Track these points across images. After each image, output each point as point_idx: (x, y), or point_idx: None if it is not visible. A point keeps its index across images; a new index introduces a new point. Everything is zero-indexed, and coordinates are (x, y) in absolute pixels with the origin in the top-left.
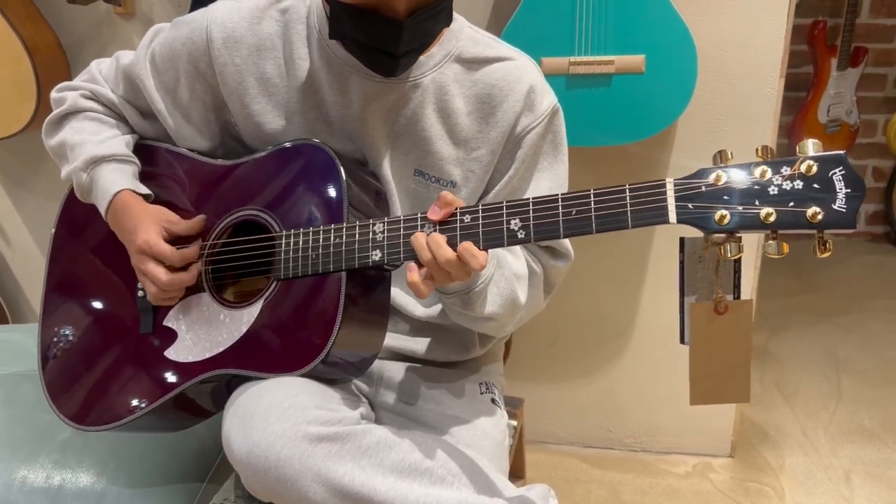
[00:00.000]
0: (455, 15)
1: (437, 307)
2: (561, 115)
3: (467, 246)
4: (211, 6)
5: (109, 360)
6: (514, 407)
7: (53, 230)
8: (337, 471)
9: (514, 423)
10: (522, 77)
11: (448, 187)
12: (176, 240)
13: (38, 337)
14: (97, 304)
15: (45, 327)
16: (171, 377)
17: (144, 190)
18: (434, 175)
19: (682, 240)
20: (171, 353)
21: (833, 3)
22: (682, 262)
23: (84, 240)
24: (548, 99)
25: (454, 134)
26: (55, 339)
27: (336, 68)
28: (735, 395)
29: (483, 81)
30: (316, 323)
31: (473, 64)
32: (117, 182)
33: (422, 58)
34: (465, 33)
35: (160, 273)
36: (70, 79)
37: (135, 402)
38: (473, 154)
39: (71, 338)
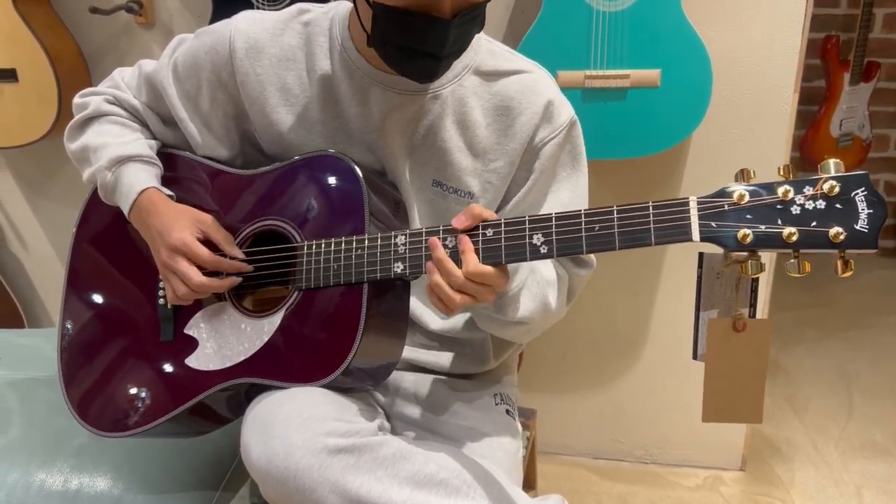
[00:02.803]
0: None
1: (453, 320)
2: (579, 127)
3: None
4: (235, 17)
5: (130, 367)
6: (526, 418)
7: (73, 237)
8: (354, 482)
9: (527, 433)
10: (540, 90)
11: (466, 198)
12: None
13: (57, 344)
14: (118, 312)
15: (65, 334)
16: (191, 385)
17: (168, 192)
18: (452, 186)
19: (700, 255)
20: (192, 362)
21: (846, 17)
22: (699, 278)
23: (104, 247)
24: (566, 111)
25: (472, 146)
26: (75, 346)
27: (357, 80)
28: (747, 415)
29: (501, 94)
30: (337, 334)
31: (492, 76)
32: (143, 180)
33: None
34: (483, 46)
35: (193, 273)
36: (91, 87)
37: (155, 410)
38: (491, 165)
39: (91, 345)
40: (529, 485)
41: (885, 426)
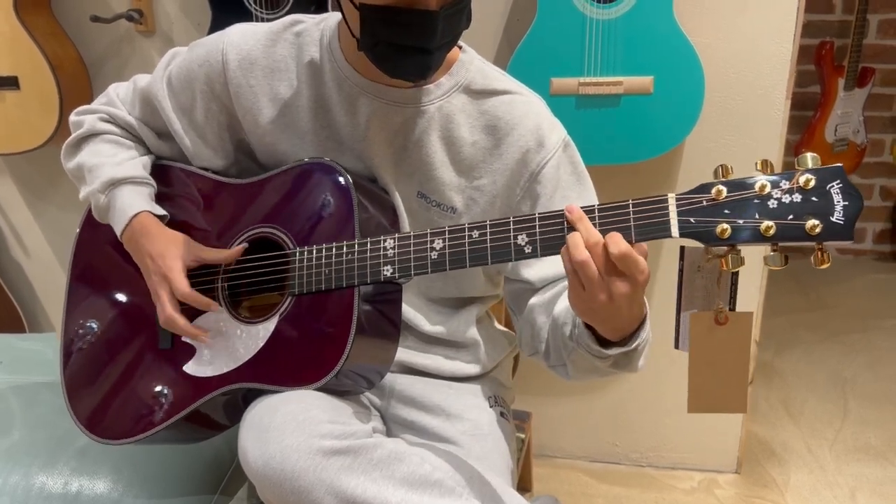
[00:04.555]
0: (466, 46)
1: (447, 323)
2: (573, 146)
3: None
4: (227, 30)
5: (130, 374)
6: (522, 420)
7: (74, 246)
8: (349, 483)
9: (522, 436)
10: (529, 112)
11: (449, 212)
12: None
13: (60, 351)
14: (118, 320)
15: (67, 342)
16: (190, 392)
17: (161, 211)
18: (435, 200)
19: (682, 248)
20: (190, 369)
21: (840, 23)
22: (681, 270)
23: (105, 256)
24: (557, 133)
25: (457, 162)
26: (77, 354)
27: (346, 89)
28: (732, 405)
29: (490, 113)
30: (330, 337)
31: (481, 95)
32: (135, 204)
33: (431, 86)
34: (474, 65)
35: (167, 306)
36: (91, 94)
37: (155, 417)
38: (475, 183)
39: (92, 353)
40: (525, 487)
41: (879, 429)
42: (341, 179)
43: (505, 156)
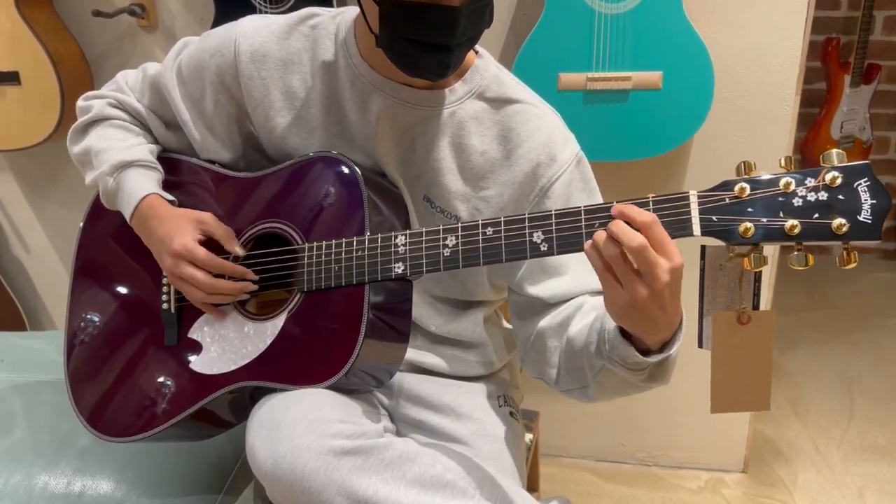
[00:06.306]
0: (483, 52)
1: (455, 322)
2: (586, 161)
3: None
4: (241, 21)
5: (136, 372)
6: (529, 420)
7: (77, 242)
8: (361, 484)
9: (530, 435)
10: (543, 125)
11: (452, 220)
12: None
13: (64, 349)
14: (123, 317)
15: (71, 339)
16: (197, 389)
17: (170, 197)
18: (440, 206)
19: (703, 247)
20: (197, 366)
21: (846, 20)
22: (702, 270)
23: (108, 251)
24: (570, 147)
25: (465, 170)
26: (82, 352)
27: (359, 86)
28: (755, 403)
29: (503, 123)
30: (339, 335)
31: (495, 103)
32: (144, 186)
33: (445, 91)
34: (490, 71)
35: (201, 275)
36: (94, 90)
37: (161, 414)
38: (481, 193)
39: (98, 350)
40: (532, 487)
41: (886, 428)
42: (351, 173)
43: (514, 168)
